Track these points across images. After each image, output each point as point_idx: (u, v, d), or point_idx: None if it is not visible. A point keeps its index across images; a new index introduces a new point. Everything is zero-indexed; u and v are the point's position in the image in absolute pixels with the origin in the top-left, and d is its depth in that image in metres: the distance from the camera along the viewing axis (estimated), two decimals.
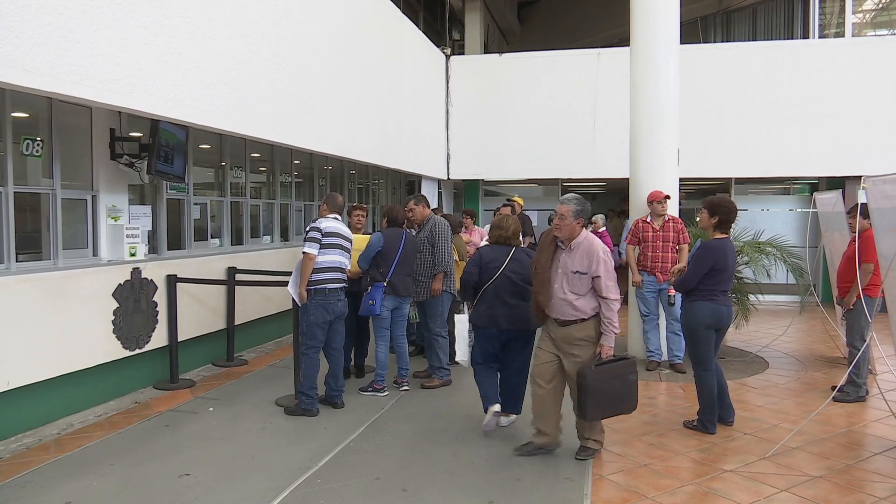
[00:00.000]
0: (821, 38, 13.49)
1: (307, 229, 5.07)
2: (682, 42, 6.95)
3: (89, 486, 3.75)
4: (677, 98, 6.79)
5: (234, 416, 5.03)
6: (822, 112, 10.56)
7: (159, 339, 5.73)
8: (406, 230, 5.75)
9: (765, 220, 10.90)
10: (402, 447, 4.40)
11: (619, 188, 10.22)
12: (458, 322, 5.12)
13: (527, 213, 10.24)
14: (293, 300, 5.10)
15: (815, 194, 7.63)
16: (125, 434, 4.62)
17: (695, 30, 15.49)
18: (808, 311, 8.13)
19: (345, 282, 5.16)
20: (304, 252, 4.95)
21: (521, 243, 4.88)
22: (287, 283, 5.15)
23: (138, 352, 5.50)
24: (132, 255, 5.55)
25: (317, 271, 4.95)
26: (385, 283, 5.42)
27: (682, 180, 7.21)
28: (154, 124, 5.44)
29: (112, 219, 5.52)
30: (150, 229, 6.13)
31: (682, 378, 6.12)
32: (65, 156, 5.14)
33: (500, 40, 17.67)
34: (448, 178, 12.15)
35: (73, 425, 4.77)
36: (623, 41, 8.14)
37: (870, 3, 14.61)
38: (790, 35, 14.19)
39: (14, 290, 4.41)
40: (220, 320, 6.64)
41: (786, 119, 10.67)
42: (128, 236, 5.53)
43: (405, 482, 3.83)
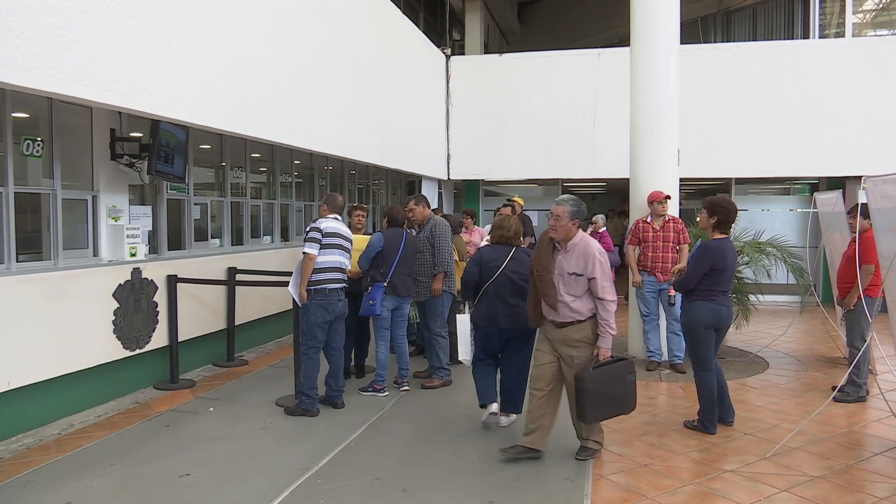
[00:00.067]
0: (821, 38, 13.48)
1: (307, 229, 5.07)
2: (682, 42, 6.96)
3: (90, 486, 3.75)
4: (677, 98, 6.79)
5: (235, 416, 5.04)
6: (822, 112, 10.55)
7: (160, 339, 5.73)
8: (406, 230, 5.75)
9: (765, 221, 10.91)
10: (402, 447, 4.40)
11: (620, 188, 10.23)
12: (460, 322, 5.14)
13: (527, 213, 10.23)
14: (293, 300, 5.11)
15: (815, 194, 7.63)
16: (125, 434, 4.63)
17: (695, 30, 15.48)
18: (808, 312, 8.13)
19: (345, 282, 5.17)
20: (304, 252, 4.95)
21: (522, 243, 4.89)
22: (287, 284, 5.16)
23: (139, 352, 5.51)
24: (132, 255, 5.55)
25: (317, 271, 4.95)
26: (385, 284, 5.43)
27: (682, 180, 7.21)
28: (154, 124, 5.44)
29: (112, 219, 5.52)
30: (151, 229, 6.13)
31: (682, 378, 6.12)
32: (65, 156, 5.14)
33: (500, 40, 17.68)
34: (448, 179, 12.15)
35: (74, 425, 4.77)
36: (623, 41, 8.14)
37: (870, 3, 14.60)
38: (790, 35, 14.18)
39: (14, 291, 4.41)
40: (220, 320, 6.64)
41: (786, 119, 10.66)
42: (128, 236, 5.53)
43: (405, 482, 3.83)
